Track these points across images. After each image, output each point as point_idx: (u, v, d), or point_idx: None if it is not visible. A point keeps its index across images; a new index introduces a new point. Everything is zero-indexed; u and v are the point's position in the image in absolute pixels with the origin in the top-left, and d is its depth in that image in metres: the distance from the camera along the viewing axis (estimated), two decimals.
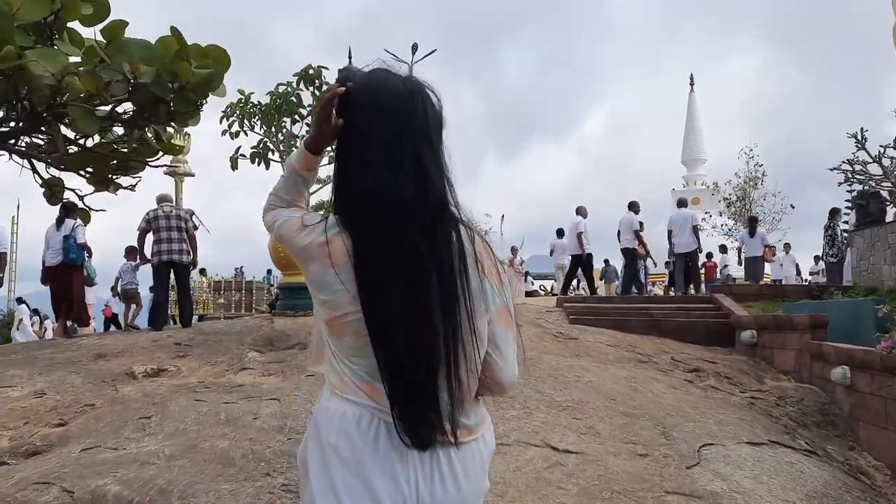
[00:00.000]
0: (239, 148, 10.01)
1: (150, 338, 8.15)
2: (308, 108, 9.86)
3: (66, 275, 9.08)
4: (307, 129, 10.06)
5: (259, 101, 9.55)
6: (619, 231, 13.68)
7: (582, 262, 13.48)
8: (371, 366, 1.35)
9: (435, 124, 1.43)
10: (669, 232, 13.63)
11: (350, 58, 15.58)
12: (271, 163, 10.19)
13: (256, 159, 10.09)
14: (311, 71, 9.65)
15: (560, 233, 17.34)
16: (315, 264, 1.39)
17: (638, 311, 10.59)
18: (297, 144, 10.17)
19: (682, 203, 14.12)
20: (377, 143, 1.38)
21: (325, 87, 9.79)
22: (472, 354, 1.37)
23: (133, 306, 10.90)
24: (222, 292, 19.37)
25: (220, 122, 9.93)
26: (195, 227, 8.96)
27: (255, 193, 10.04)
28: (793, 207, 28.12)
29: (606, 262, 22.01)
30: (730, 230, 28.87)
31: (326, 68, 9.72)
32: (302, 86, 9.76)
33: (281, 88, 9.31)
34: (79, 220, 9.23)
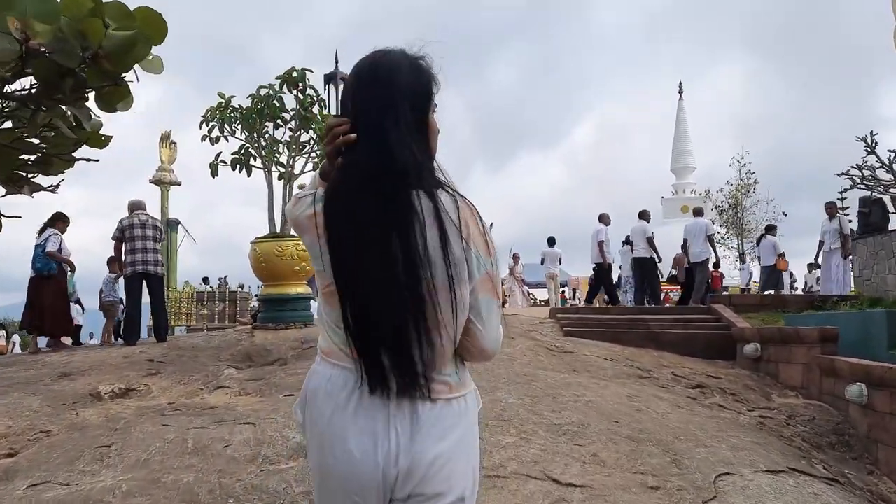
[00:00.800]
0: (219, 154, 9.56)
1: (122, 353, 7.67)
2: (291, 112, 9.43)
3: (38, 286, 8.64)
4: (290, 133, 9.62)
5: (240, 105, 9.10)
6: (629, 240, 13.40)
7: (604, 271, 13.20)
8: (346, 333, 1.42)
9: (409, 92, 1.46)
10: (685, 241, 13.40)
11: (336, 62, 15.21)
12: (253, 169, 9.75)
13: (237, 166, 9.64)
14: (294, 74, 9.22)
15: (551, 241, 17.00)
16: (306, 236, 1.47)
17: (635, 323, 10.20)
18: (280, 150, 9.74)
19: (697, 212, 13.94)
20: (354, 116, 1.45)
21: (308, 91, 9.38)
22: (448, 317, 1.40)
23: (113, 319, 10.41)
24: (205, 303, 18.86)
25: (200, 126, 9.48)
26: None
27: (242, 202, 9.60)
28: (785, 215, 27.90)
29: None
30: (722, 238, 28.60)
31: (310, 70, 9.30)
32: (285, 89, 9.32)
33: (262, 91, 8.86)
34: (54, 230, 8.80)
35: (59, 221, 9.01)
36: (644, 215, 13.73)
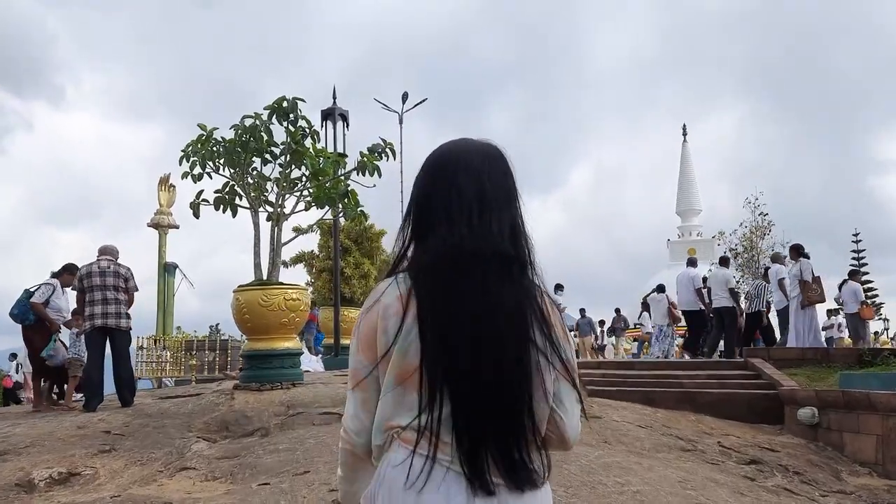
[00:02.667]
0: (201, 193, 8.56)
1: (76, 423, 6.56)
2: (282, 146, 8.45)
3: (26, 335, 7.82)
4: (280, 170, 8.62)
5: (223, 138, 8.12)
6: (708, 288, 12.47)
7: (702, 317, 12.26)
8: (436, 417, 1.29)
9: (501, 177, 1.44)
10: (708, 290, 12.58)
11: (334, 97, 14.38)
12: (239, 209, 8.74)
13: (221, 205, 8.63)
14: (284, 103, 8.27)
15: (559, 287, 16.02)
16: (390, 320, 1.33)
17: (665, 381, 9.09)
18: (268, 188, 8.74)
19: (723, 262, 13.27)
20: (441, 198, 1.40)
21: (300, 123, 8.42)
22: (541, 407, 1.35)
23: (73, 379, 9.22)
24: (194, 352, 17.71)
25: (180, 163, 8.50)
26: (136, 289, 7.40)
27: (245, 245, 8.52)
28: (806, 258, 26.72)
29: (582, 312, 20.02)
30: (738, 282, 27.50)
31: (302, 100, 8.36)
32: (274, 120, 8.36)
33: (248, 121, 7.89)
34: (56, 281, 7.86)
35: (66, 273, 7.98)
36: (725, 262, 12.91)
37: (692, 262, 13.54)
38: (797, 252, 12.23)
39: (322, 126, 13.81)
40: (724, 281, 12.23)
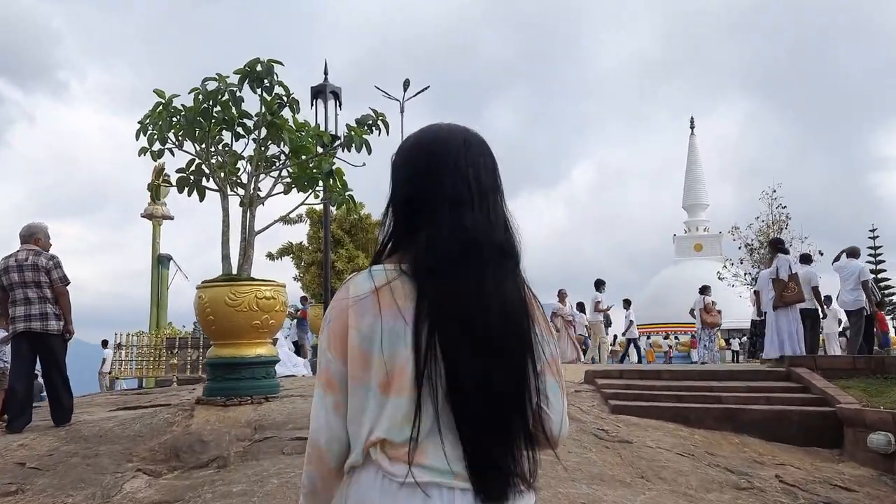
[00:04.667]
0: (162, 171, 7.32)
1: None
2: (255, 118, 7.20)
3: None
4: (255, 146, 7.38)
5: (183, 106, 6.87)
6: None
7: (867, 318, 10.80)
8: (430, 428, 1.19)
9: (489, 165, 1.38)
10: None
11: (326, 73, 13.11)
12: (206, 192, 7.51)
13: (185, 187, 7.40)
14: (258, 67, 7.00)
15: (600, 284, 14.93)
16: (364, 317, 1.23)
17: (700, 394, 7.86)
18: (242, 165, 7.50)
19: (852, 253, 11.27)
20: (425, 189, 1.31)
21: (277, 90, 7.16)
22: (532, 407, 1.27)
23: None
24: (176, 350, 16.47)
25: (137, 137, 7.27)
26: (65, 281, 6.11)
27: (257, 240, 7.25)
28: (821, 254, 25.44)
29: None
30: (754, 280, 26.19)
31: (279, 63, 7.10)
32: (246, 87, 7.09)
33: (210, 86, 6.62)
34: None
35: None
36: (855, 252, 11.24)
37: (854, 253, 11.17)
38: (775, 247, 10.94)
39: (312, 105, 12.59)
40: (807, 280, 10.80)
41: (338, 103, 12.19)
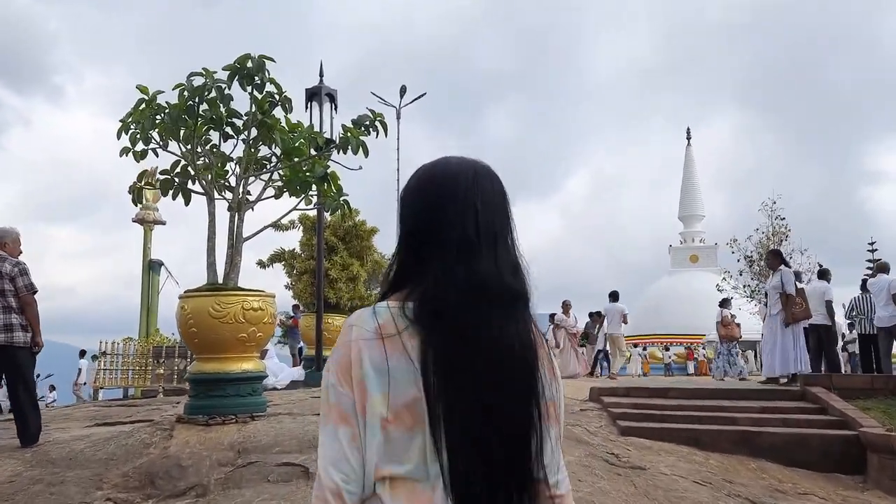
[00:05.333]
0: (144, 173, 6.90)
1: None
2: (245, 118, 6.78)
3: None
4: (244, 147, 6.96)
5: (167, 103, 6.43)
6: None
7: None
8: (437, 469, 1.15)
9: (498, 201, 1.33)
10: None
11: (321, 75, 12.67)
12: (192, 195, 7.09)
13: (170, 190, 6.97)
14: (248, 63, 6.57)
15: (614, 296, 14.37)
16: (371, 354, 1.18)
17: (712, 414, 7.44)
18: (231, 168, 7.07)
19: (882, 268, 10.81)
20: (434, 223, 1.27)
21: (269, 87, 6.74)
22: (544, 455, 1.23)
23: None
24: (163, 360, 15.97)
25: (118, 136, 6.84)
26: (31, 289, 5.63)
27: (248, 247, 6.78)
28: (820, 266, 25.04)
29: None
30: (753, 292, 25.78)
31: (271, 59, 6.66)
32: (236, 85, 6.65)
33: (197, 81, 6.18)
34: None
35: None
36: (824, 275, 10.98)
37: (884, 269, 10.63)
38: (777, 258, 10.27)
39: (307, 108, 12.14)
40: (820, 294, 10.39)
41: (333, 106, 11.75)
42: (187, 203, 7.17)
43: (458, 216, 1.24)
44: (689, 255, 56.49)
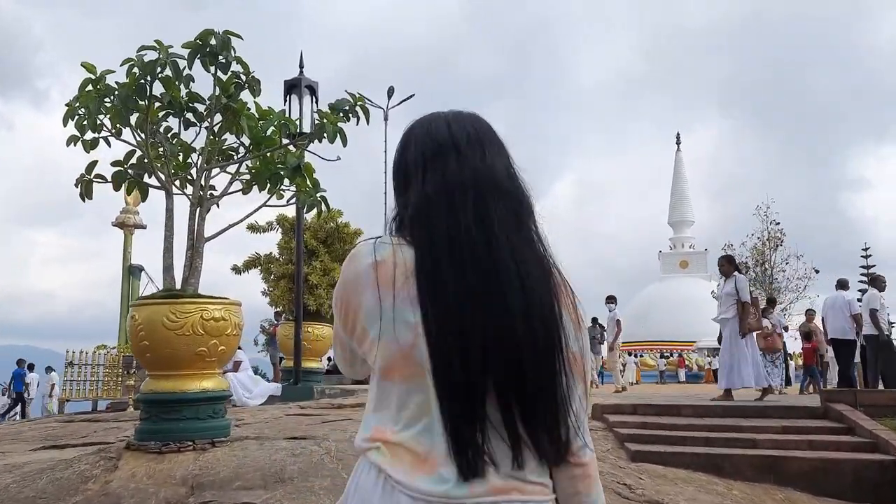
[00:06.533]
0: (94, 164, 6.13)
1: None
2: (208, 102, 6.00)
3: None
4: (207, 135, 6.18)
5: (118, 83, 5.64)
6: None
7: (881, 344, 9.98)
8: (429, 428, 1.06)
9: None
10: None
11: (301, 66, 11.89)
12: (149, 189, 6.32)
13: (123, 184, 6.19)
14: (212, 40, 5.78)
15: (612, 300, 13.77)
16: (365, 293, 1.10)
17: (730, 436, 6.72)
18: (193, 159, 6.29)
19: (841, 284, 10.98)
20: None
21: (235, 67, 5.97)
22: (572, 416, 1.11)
23: None
24: (133, 370, 15.06)
25: (65, 123, 6.06)
26: None
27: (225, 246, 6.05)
28: (817, 272, 24.58)
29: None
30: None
31: (238, 36, 5.88)
32: (198, 65, 5.86)
33: (148, 56, 5.37)
34: None
35: None
36: (843, 285, 10.96)
37: (843, 285, 11.05)
38: (731, 264, 9.43)
39: (286, 101, 11.35)
40: (866, 304, 10.05)
41: (314, 99, 10.98)
42: (144, 198, 6.41)
43: (448, 128, 1.18)
44: (679, 260, 56.03)
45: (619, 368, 14.46)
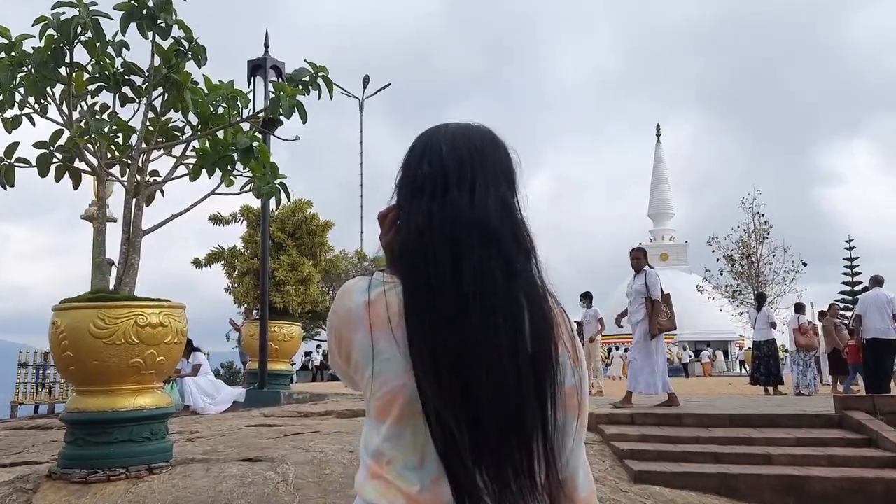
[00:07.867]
0: (14, 146, 5.29)
1: None
2: (148, 73, 5.16)
3: None
4: (145, 109, 5.35)
5: (34, 48, 4.78)
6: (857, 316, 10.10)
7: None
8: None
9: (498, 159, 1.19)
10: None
11: (266, 45, 11.05)
12: (81, 175, 5.47)
13: (49, 168, 5.34)
14: (149, 2, 4.93)
15: (586, 297, 13.25)
16: (357, 333, 1.06)
17: (742, 451, 6.04)
18: (126, 140, 5.46)
19: (875, 281, 10.50)
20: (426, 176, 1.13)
21: (177, 33, 5.14)
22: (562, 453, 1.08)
23: None
24: None
25: None
26: None
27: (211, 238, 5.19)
28: (805, 265, 24.14)
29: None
30: (735, 292, 24.71)
31: None
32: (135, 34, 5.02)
33: (67, 14, 4.51)
34: None
35: None
36: (878, 282, 10.54)
37: (879, 282, 10.50)
38: (643, 257, 8.54)
39: (250, 83, 10.51)
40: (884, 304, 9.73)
41: (281, 80, 10.12)
42: (76, 185, 5.55)
43: (444, 151, 1.10)
44: (659, 253, 55.70)
45: (601, 367, 13.84)
